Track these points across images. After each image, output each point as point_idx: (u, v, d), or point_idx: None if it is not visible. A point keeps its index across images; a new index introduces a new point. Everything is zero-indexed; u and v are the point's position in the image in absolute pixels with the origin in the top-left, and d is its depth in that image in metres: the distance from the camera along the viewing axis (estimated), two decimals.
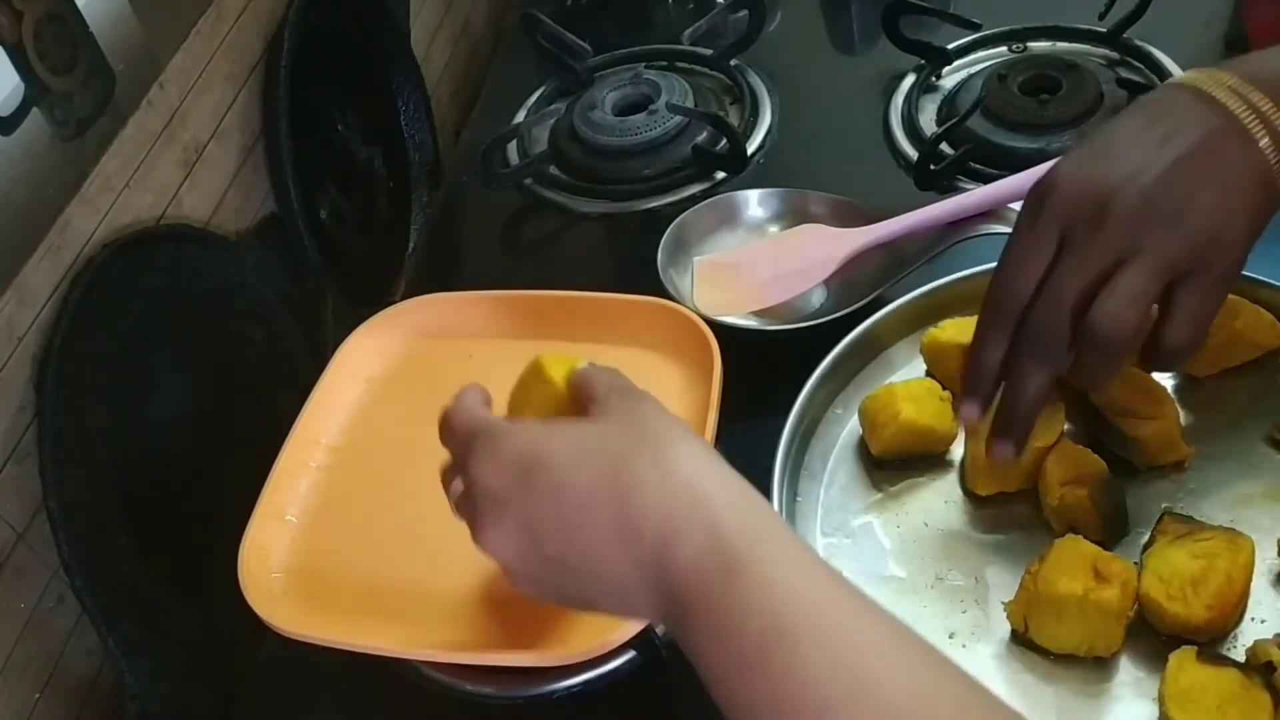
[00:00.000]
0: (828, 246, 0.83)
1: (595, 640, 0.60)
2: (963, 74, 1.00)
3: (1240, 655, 0.57)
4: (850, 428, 0.72)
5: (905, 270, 0.79)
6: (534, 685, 0.68)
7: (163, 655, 0.71)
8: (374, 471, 0.74)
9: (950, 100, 0.97)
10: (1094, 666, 0.59)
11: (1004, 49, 1.01)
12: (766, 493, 0.66)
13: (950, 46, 1.00)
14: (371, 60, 1.06)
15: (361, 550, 0.69)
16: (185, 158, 0.82)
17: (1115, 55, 0.97)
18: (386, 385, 0.79)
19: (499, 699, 0.68)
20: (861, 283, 0.81)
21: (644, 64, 1.09)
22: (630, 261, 0.89)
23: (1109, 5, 0.96)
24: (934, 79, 1.00)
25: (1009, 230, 0.80)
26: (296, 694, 0.73)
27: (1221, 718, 0.54)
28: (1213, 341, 0.68)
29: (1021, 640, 0.61)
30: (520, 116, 1.09)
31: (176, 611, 0.73)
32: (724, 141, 0.97)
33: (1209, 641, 0.58)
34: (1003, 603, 0.61)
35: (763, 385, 0.72)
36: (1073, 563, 0.58)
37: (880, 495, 0.69)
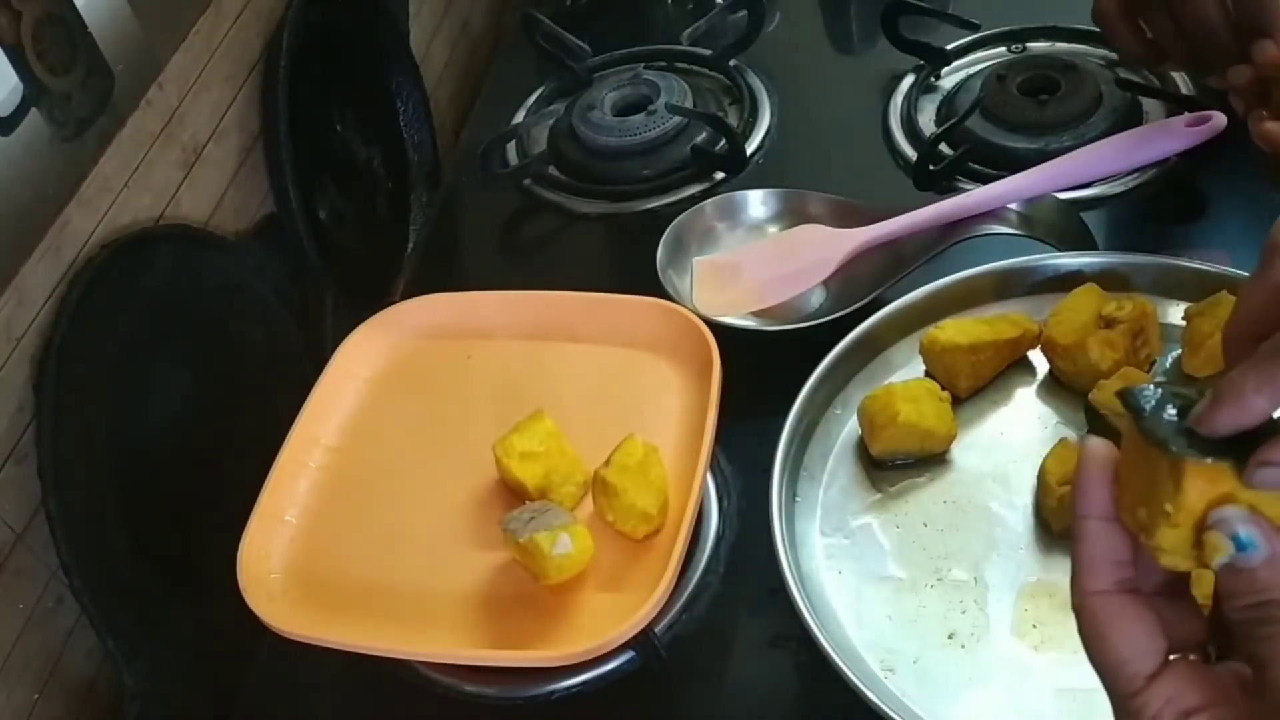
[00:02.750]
0: (827, 246, 0.83)
1: (595, 640, 0.60)
2: (962, 74, 1.00)
3: None
4: (850, 428, 0.72)
5: (905, 270, 0.79)
6: (534, 685, 0.68)
7: (162, 655, 0.71)
8: (373, 471, 0.74)
9: (949, 100, 0.97)
10: None
11: (1003, 49, 1.01)
12: (766, 493, 0.66)
13: (949, 47, 1.00)
14: (371, 60, 1.06)
15: (361, 550, 0.69)
16: (184, 158, 0.82)
17: (1114, 55, 0.97)
18: (386, 385, 0.79)
19: (499, 699, 0.68)
20: (861, 283, 0.81)
21: (643, 64, 1.09)
22: (630, 261, 0.89)
23: None
24: (933, 79, 1.00)
25: (1008, 230, 0.81)
26: (296, 694, 0.73)
27: None
28: (1212, 341, 0.68)
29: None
30: (519, 117, 1.09)
31: (176, 612, 0.73)
32: (723, 142, 0.97)
33: None
34: None
35: (762, 385, 0.72)
36: None
37: (880, 495, 0.69)
